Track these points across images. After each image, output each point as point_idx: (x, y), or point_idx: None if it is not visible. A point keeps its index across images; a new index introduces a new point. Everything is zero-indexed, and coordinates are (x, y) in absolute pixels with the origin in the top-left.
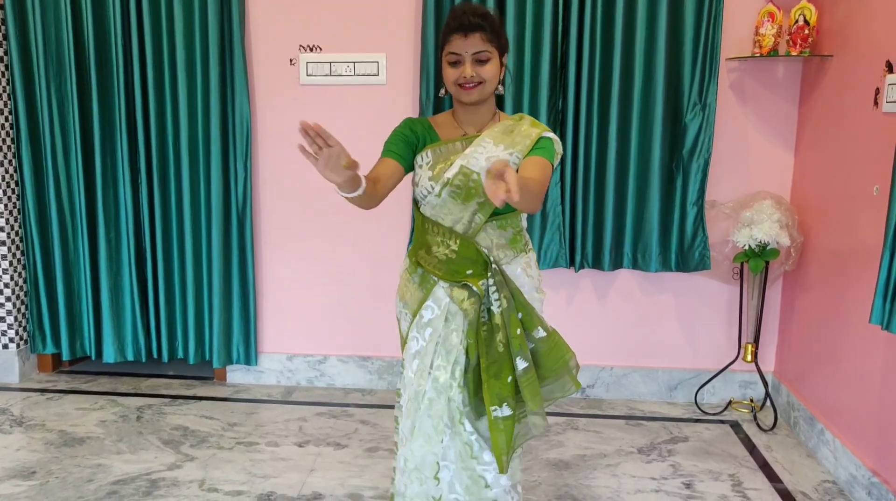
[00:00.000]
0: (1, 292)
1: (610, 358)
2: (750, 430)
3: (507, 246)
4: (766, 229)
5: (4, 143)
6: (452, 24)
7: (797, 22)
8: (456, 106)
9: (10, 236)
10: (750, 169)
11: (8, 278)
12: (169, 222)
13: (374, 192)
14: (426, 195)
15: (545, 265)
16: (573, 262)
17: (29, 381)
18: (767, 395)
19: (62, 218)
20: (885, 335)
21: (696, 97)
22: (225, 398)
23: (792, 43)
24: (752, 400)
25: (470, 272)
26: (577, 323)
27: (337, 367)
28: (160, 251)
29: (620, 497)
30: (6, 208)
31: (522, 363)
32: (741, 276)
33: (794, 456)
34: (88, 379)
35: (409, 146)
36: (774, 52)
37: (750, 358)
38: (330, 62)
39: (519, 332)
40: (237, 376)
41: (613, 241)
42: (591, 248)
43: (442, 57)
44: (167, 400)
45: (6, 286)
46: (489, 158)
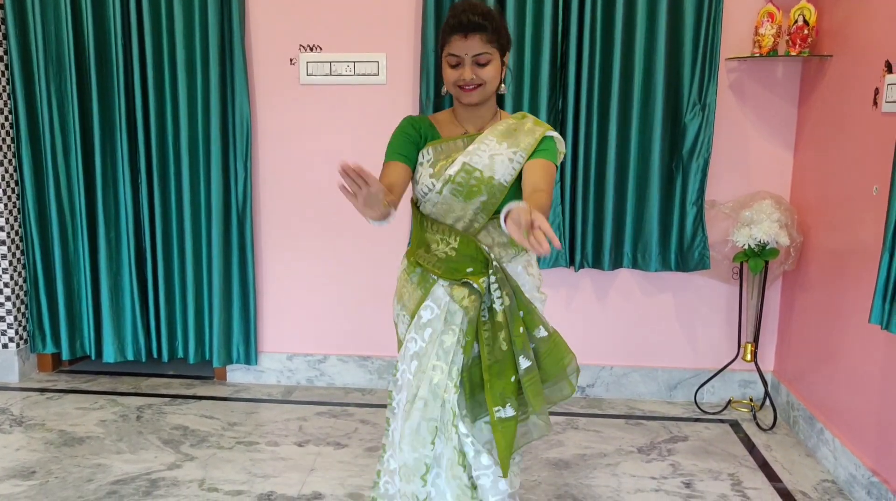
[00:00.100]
0: (1, 291)
1: (610, 358)
2: (749, 429)
3: (508, 244)
4: (765, 228)
5: (4, 142)
6: (452, 22)
7: (796, 22)
8: (456, 105)
9: (9, 235)
10: (749, 169)
11: (8, 277)
12: (169, 221)
13: (391, 201)
14: (426, 193)
15: (545, 265)
16: (573, 261)
17: (29, 380)
18: (767, 394)
19: (62, 218)
20: (884, 335)
21: (695, 97)
22: (225, 398)
23: (791, 43)
24: (751, 400)
25: (470, 270)
26: (576, 323)
27: (337, 366)
28: (160, 251)
29: (620, 496)
30: (6, 207)
31: (525, 362)
32: (741, 275)
33: (793, 456)
34: (88, 379)
35: (413, 146)
36: (774, 52)
37: (749, 358)
38: (330, 62)
39: (522, 330)
40: (237, 375)
41: (613, 240)
42: (590, 247)
43: (442, 56)
44: (167, 400)
45: (6, 286)
46: (492, 156)
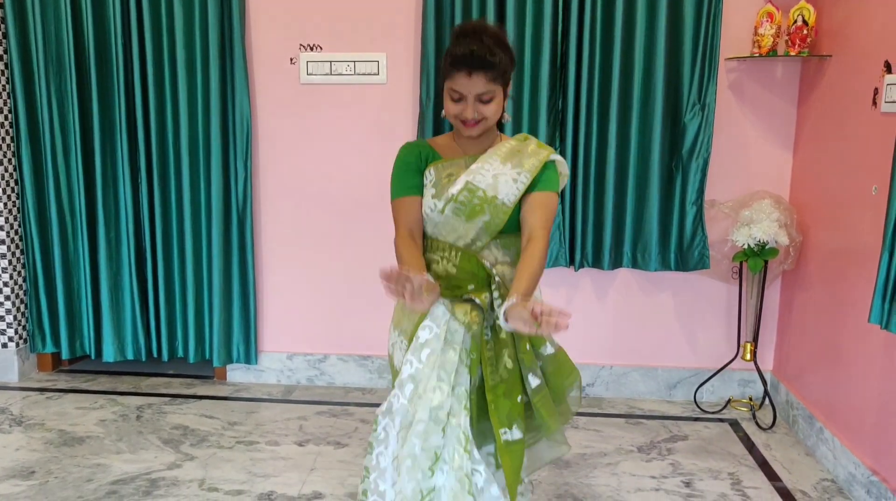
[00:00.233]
0: (0, 290)
1: (609, 357)
2: (749, 429)
3: (510, 264)
4: (764, 228)
5: (4, 142)
6: (457, 53)
7: (796, 22)
8: (457, 131)
9: (9, 235)
10: (749, 168)
11: (7, 277)
12: (169, 221)
13: (418, 244)
14: (428, 214)
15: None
16: (573, 261)
17: (28, 380)
18: (766, 394)
19: (62, 217)
20: (883, 334)
21: (695, 97)
22: (225, 397)
23: (791, 43)
24: (750, 399)
25: (472, 287)
26: (576, 322)
27: (337, 366)
28: (160, 250)
29: (620, 495)
30: (6, 206)
31: (535, 381)
32: (740, 275)
33: (793, 455)
34: (88, 378)
35: (418, 174)
36: (773, 52)
37: (749, 357)
38: (330, 61)
39: (528, 347)
40: (237, 375)
41: (613, 240)
42: (590, 247)
43: (443, 82)
44: (167, 399)
45: (6, 285)
46: (496, 176)
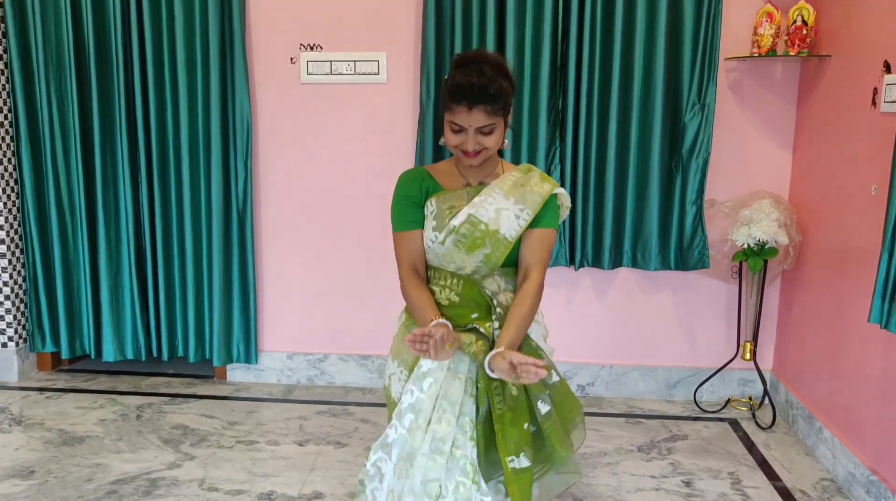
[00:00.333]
0: (0, 290)
1: (609, 356)
2: (749, 428)
3: (513, 291)
4: (764, 227)
5: (4, 141)
6: (457, 87)
7: (795, 22)
8: (457, 158)
9: (9, 234)
10: (748, 168)
11: (7, 276)
12: (169, 220)
13: (422, 277)
14: (430, 245)
15: None
16: (573, 260)
17: (28, 380)
18: (766, 393)
19: (62, 216)
20: (883, 334)
21: (695, 97)
22: (225, 397)
23: (790, 43)
24: (750, 398)
25: (475, 316)
26: (576, 321)
27: (337, 365)
28: (160, 250)
29: (620, 495)
30: (6, 206)
31: (545, 407)
32: (740, 275)
33: (792, 454)
34: (88, 378)
35: (419, 207)
36: (773, 52)
37: (748, 356)
38: (330, 61)
39: None
40: (237, 374)
41: (613, 240)
42: (590, 246)
43: (442, 112)
44: (167, 399)
45: (5, 285)
46: (498, 210)
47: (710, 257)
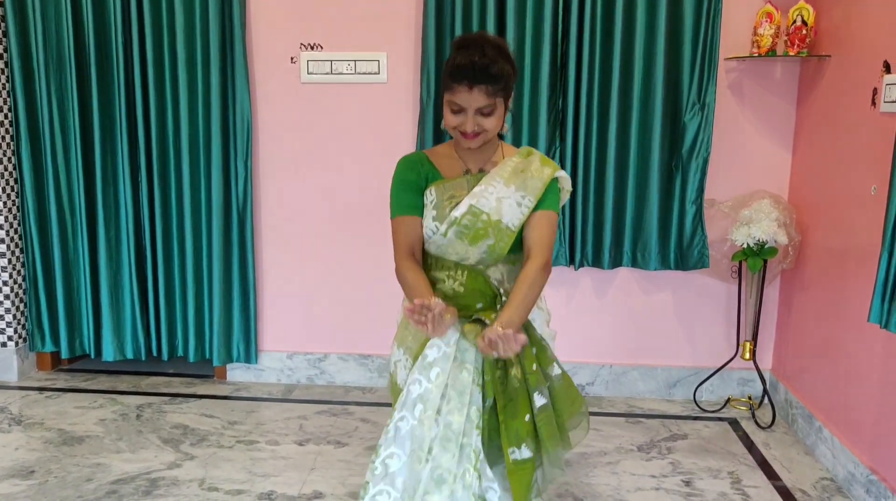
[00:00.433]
0: (0, 289)
1: (609, 356)
2: (748, 427)
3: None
4: (764, 227)
5: (4, 140)
6: (459, 62)
7: (795, 22)
8: (456, 142)
9: (9, 233)
10: (748, 168)
11: (7, 275)
12: (169, 220)
13: (418, 261)
14: (431, 235)
15: None
16: (573, 260)
17: (28, 379)
18: (766, 393)
19: (62, 216)
20: (883, 334)
21: (695, 97)
22: (225, 397)
23: (790, 43)
24: (750, 398)
25: (480, 306)
26: (576, 321)
27: (337, 365)
28: (160, 249)
29: (621, 494)
30: (5, 205)
31: (540, 400)
32: (739, 274)
33: (792, 454)
34: (88, 377)
35: (418, 192)
36: (772, 52)
37: (748, 356)
38: (331, 60)
39: (535, 367)
40: (237, 374)
41: (613, 239)
42: (590, 246)
43: (442, 92)
44: (167, 399)
45: (5, 284)
46: (500, 199)
47: (709, 256)
